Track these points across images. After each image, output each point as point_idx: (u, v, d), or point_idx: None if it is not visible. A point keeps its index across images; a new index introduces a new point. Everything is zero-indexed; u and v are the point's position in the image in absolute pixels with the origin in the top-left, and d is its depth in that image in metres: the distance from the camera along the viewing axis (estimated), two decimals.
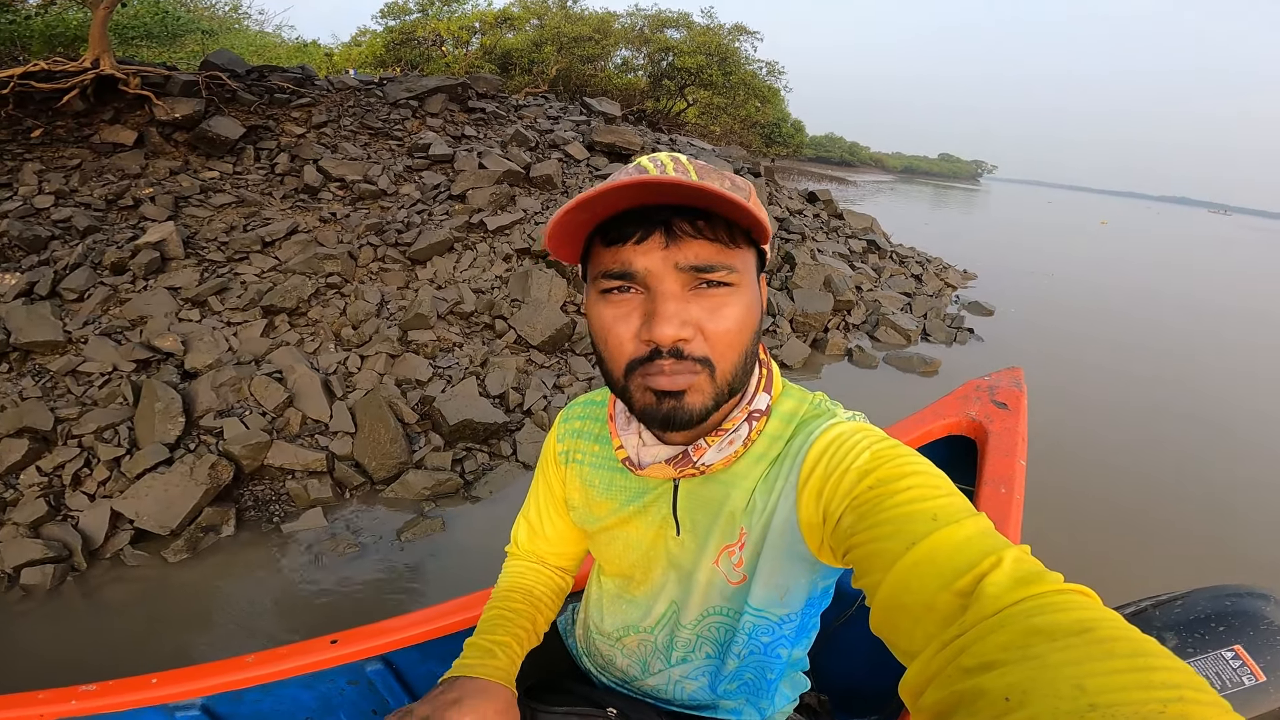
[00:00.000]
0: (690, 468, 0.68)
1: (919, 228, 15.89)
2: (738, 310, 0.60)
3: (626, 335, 0.60)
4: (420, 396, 3.52)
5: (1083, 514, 3.29)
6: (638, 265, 0.58)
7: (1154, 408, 5.04)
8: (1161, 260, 17.04)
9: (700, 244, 0.57)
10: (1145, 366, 6.08)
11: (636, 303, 0.59)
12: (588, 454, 0.82)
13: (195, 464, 2.76)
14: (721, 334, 0.59)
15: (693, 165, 0.60)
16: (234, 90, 5.80)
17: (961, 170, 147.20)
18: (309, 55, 16.98)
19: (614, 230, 0.58)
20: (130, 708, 1.10)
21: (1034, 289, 9.44)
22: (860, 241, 8.14)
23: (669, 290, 0.58)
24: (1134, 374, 5.82)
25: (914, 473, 0.56)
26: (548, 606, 0.91)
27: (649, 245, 0.57)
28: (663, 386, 0.59)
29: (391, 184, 5.36)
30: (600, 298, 0.61)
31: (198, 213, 4.57)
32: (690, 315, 0.58)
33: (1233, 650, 0.83)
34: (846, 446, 0.62)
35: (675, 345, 0.58)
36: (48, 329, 3.31)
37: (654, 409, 0.61)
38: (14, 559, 2.40)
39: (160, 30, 8.69)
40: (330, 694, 1.21)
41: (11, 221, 3.91)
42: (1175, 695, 0.32)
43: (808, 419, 0.69)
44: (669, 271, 0.57)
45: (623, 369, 0.61)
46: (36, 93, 5.03)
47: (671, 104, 18.37)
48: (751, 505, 0.68)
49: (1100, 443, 4.27)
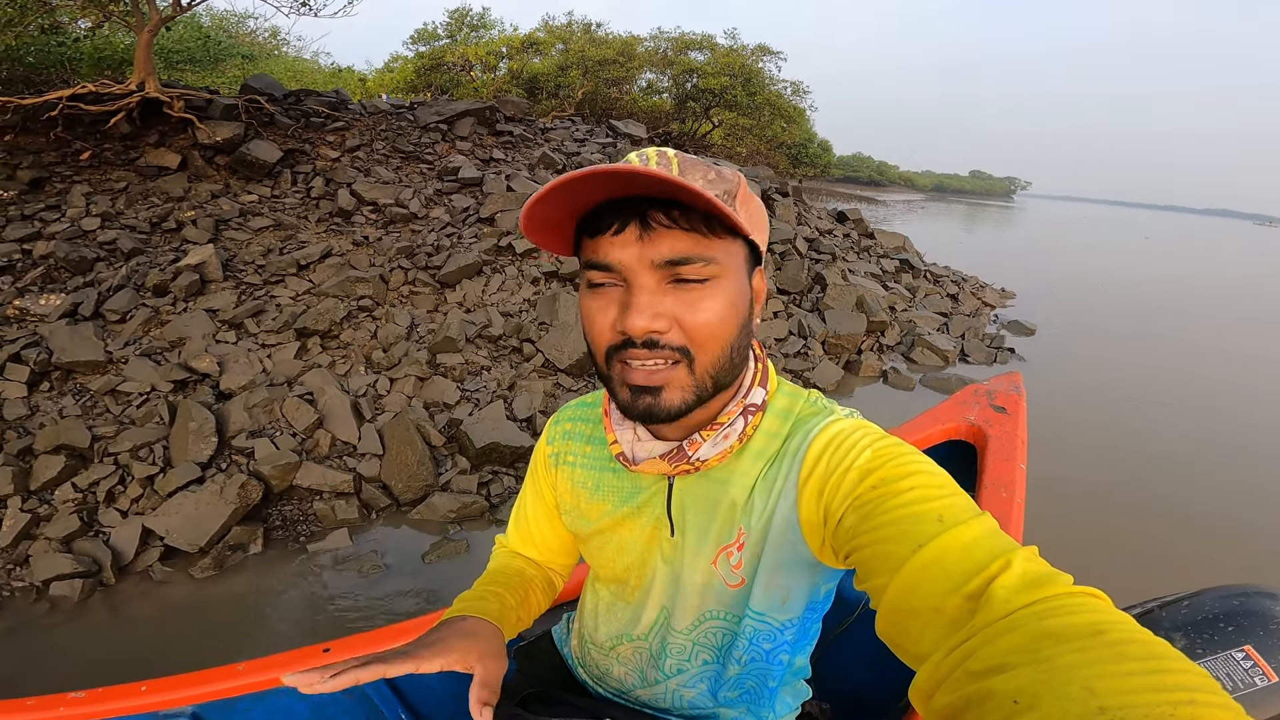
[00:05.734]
0: (685, 463, 0.66)
1: (952, 246, 15.65)
2: (718, 303, 0.58)
3: (605, 325, 0.60)
4: (448, 419, 3.51)
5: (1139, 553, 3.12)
6: (614, 257, 0.57)
7: (1209, 440, 4.75)
8: (1220, 278, 16.32)
9: (675, 235, 0.56)
10: (1201, 395, 5.76)
11: (616, 294, 0.59)
12: (579, 455, 0.81)
13: (226, 483, 2.78)
14: (700, 326, 0.58)
15: (677, 159, 0.59)
16: (272, 114, 5.96)
17: (995, 187, 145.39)
18: (344, 81, 17.50)
19: (593, 222, 0.59)
20: (119, 715, 1.08)
21: (1078, 306, 9.14)
22: (893, 261, 8.02)
23: (643, 283, 0.57)
24: (1191, 401, 5.54)
25: (917, 472, 0.56)
26: (539, 591, 0.89)
27: (625, 237, 0.57)
28: (637, 381, 0.59)
29: (422, 207, 5.44)
30: (588, 290, 0.62)
31: (237, 235, 4.67)
32: (665, 307, 0.58)
33: (1243, 650, 0.81)
34: (847, 445, 0.61)
35: (649, 336, 0.57)
36: (90, 349, 3.38)
37: (630, 404, 0.61)
38: (44, 572, 2.44)
39: (203, 54, 9.02)
40: (324, 703, 1.19)
41: (59, 243, 4.03)
42: (1186, 698, 0.32)
43: (805, 416, 0.68)
44: (644, 264, 0.57)
45: (604, 357, 0.62)
46: (85, 115, 5.20)
47: (697, 126, 18.49)
48: (751, 504, 0.67)
49: (1163, 468, 4.05)
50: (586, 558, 0.85)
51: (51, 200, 4.59)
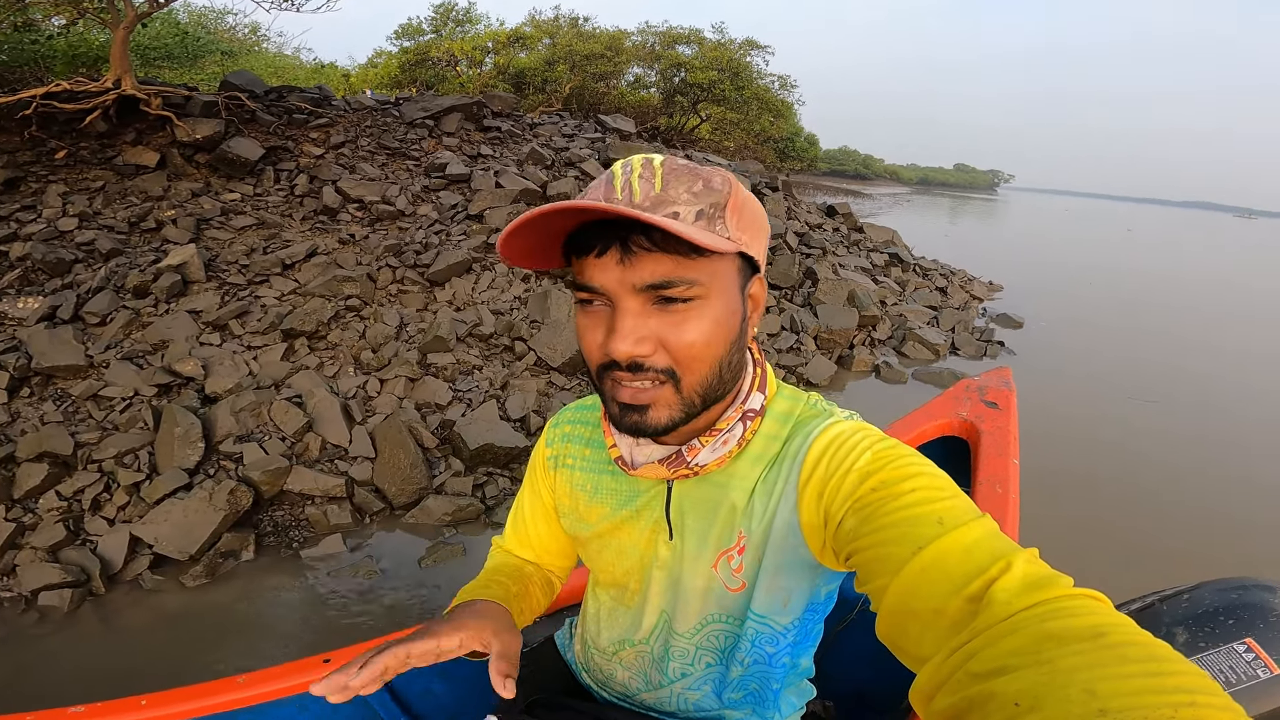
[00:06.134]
0: (684, 468, 0.66)
1: (938, 239, 15.74)
2: (703, 324, 0.58)
3: (594, 344, 0.60)
4: (440, 420, 3.46)
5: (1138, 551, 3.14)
6: (598, 280, 0.57)
7: (1204, 429, 4.82)
8: (1206, 269, 16.48)
9: (656, 258, 0.55)
10: (1189, 389, 5.79)
11: (604, 314, 0.59)
12: (578, 458, 0.81)
13: (214, 489, 2.72)
14: (685, 347, 0.58)
15: (662, 170, 0.58)
16: (253, 111, 5.84)
17: (978, 180, 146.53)
18: (326, 76, 17.27)
19: (577, 241, 0.58)
20: None
21: (1064, 300, 9.23)
22: (882, 255, 8.04)
23: (626, 307, 0.57)
24: (1180, 397, 5.58)
25: (917, 474, 0.56)
26: (538, 588, 0.89)
27: (607, 261, 0.56)
28: (624, 399, 0.60)
29: (409, 204, 5.36)
30: (579, 307, 0.62)
31: (219, 235, 4.58)
32: (649, 330, 0.57)
33: (1244, 643, 0.82)
34: (847, 447, 0.61)
35: (633, 360, 0.57)
36: (70, 353, 3.30)
37: (619, 419, 0.62)
38: (32, 583, 2.39)
39: (180, 51, 8.84)
40: (325, 714, 1.18)
41: (35, 244, 3.93)
42: (1187, 699, 0.32)
43: (805, 419, 0.68)
44: (625, 288, 0.57)
45: (596, 373, 0.62)
46: (60, 113, 5.06)
47: (685, 120, 18.43)
48: (751, 507, 0.67)
49: (1153, 464, 4.07)
50: (586, 561, 0.85)
51: (27, 200, 4.47)
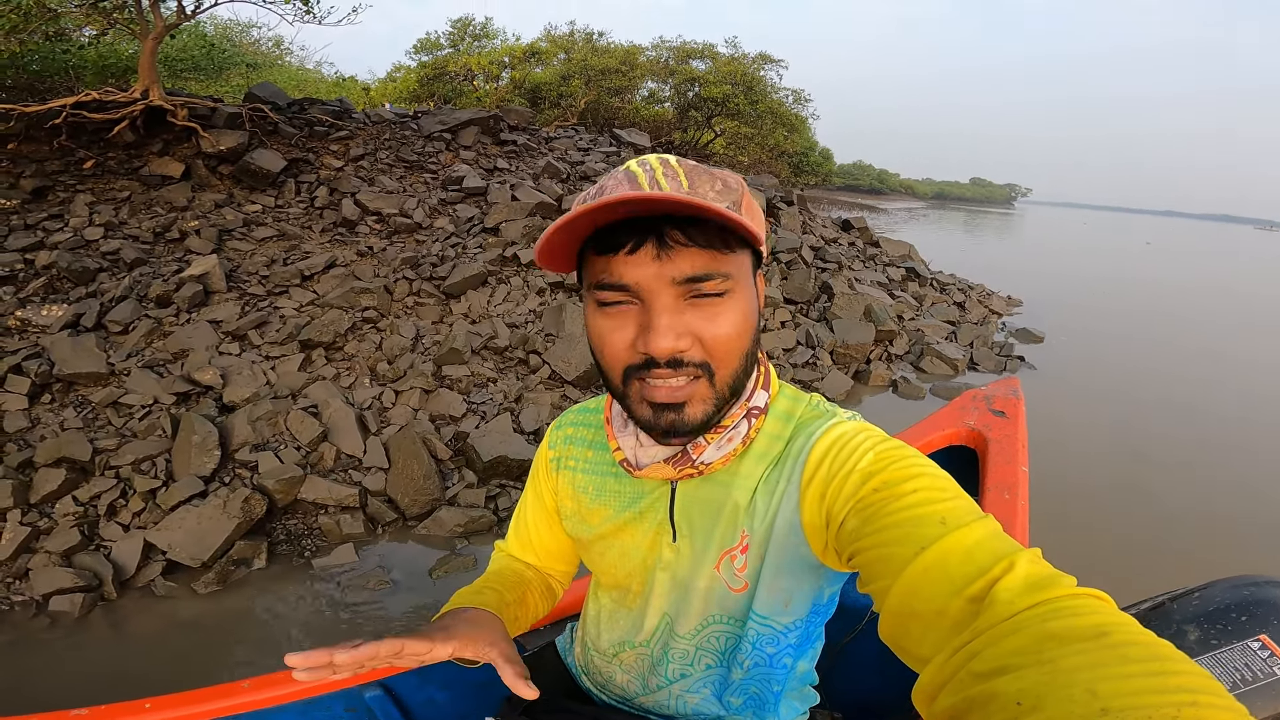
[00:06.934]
0: (689, 467, 0.66)
1: (955, 254, 15.62)
2: (735, 316, 0.59)
3: (622, 345, 0.59)
4: (454, 432, 3.46)
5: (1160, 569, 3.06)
6: (630, 277, 0.56)
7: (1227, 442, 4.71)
8: (1225, 284, 16.21)
9: (693, 253, 0.56)
10: (1215, 402, 5.67)
11: (632, 314, 0.58)
12: (580, 460, 0.81)
13: (229, 497, 2.74)
14: (720, 340, 0.58)
15: (683, 168, 0.58)
16: (276, 123, 5.95)
17: (995, 194, 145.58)
18: (347, 90, 17.56)
19: (607, 239, 0.57)
20: None
21: (1086, 313, 9.08)
22: (899, 269, 7.98)
23: (664, 304, 0.57)
24: (1201, 409, 5.47)
25: (919, 474, 0.55)
26: (537, 594, 0.88)
27: (641, 256, 0.56)
28: (661, 399, 0.59)
29: (426, 217, 5.41)
30: (597, 309, 0.60)
31: (240, 246, 4.64)
32: (686, 325, 0.57)
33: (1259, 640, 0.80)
34: (850, 447, 0.61)
35: (673, 356, 0.57)
36: (92, 361, 3.34)
37: (652, 421, 0.61)
38: (44, 587, 2.40)
39: (207, 63, 9.01)
40: None
41: (61, 253, 4.00)
42: (1189, 699, 0.32)
43: (807, 419, 0.68)
44: (663, 284, 0.56)
45: (620, 376, 0.61)
46: (89, 123, 5.19)
47: (699, 134, 18.52)
48: (753, 507, 0.66)
49: (1181, 484, 3.97)
50: (588, 564, 0.84)
51: (54, 209, 4.57)
